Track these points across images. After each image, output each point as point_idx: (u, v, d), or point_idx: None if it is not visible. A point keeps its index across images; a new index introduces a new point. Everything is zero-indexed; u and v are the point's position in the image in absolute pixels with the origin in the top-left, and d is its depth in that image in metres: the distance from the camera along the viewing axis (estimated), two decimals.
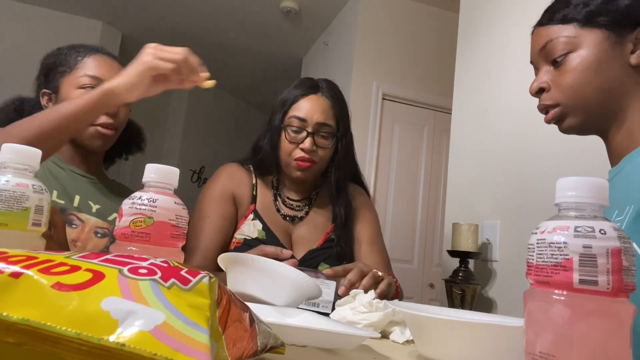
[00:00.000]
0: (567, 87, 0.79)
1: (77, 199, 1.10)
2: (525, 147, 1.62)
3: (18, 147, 0.56)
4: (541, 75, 0.83)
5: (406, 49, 3.50)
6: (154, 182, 0.56)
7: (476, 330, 0.54)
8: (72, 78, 1.10)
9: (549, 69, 0.82)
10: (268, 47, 4.57)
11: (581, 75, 0.77)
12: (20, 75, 3.93)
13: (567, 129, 0.83)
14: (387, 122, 3.42)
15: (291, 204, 1.25)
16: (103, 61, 1.13)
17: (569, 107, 0.80)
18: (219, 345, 0.31)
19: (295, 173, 1.19)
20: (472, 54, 2.01)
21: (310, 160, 1.17)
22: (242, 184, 1.23)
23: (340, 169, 1.24)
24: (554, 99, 0.81)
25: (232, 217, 1.20)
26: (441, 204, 3.37)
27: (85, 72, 1.10)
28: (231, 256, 0.75)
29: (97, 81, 1.08)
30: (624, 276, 0.34)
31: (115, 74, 1.09)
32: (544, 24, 0.84)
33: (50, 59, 1.16)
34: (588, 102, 0.78)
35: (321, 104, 1.19)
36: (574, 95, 0.79)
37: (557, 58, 0.80)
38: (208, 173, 5.20)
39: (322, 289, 0.78)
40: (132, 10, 4.13)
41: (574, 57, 0.78)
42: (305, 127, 1.17)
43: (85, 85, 1.08)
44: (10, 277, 0.30)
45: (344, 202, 1.25)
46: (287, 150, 1.18)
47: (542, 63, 0.84)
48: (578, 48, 0.78)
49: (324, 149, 1.19)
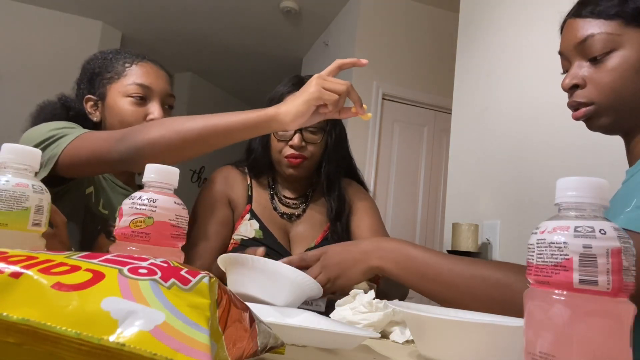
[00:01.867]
0: (605, 87, 0.76)
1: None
2: (525, 147, 1.62)
3: (18, 147, 0.56)
4: (575, 71, 0.79)
5: (406, 49, 3.50)
6: (154, 182, 0.56)
7: (476, 330, 0.54)
8: (120, 85, 1.08)
9: (585, 65, 0.78)
10: (268, 47, 4.57)
11: (622, 77, 0.75)
12: (21, 75, 3.96)
13: (597, 127, 0.80)
14: (387, 122, 3.42)
15: (288, 202, 1.25)
16: (150, 68, 1.11)
17: (604, 107, 0.77)
18: (219, 345, 0.31)
19: (287, 171, 1.19)
20: (472, 54, 2.01)
21: (300, 157, 1.17)
22: (237, 186, 1.23)
23: (331, 163, 1.24)
24: (589, 97, 0.78)
25: (228, 221, 1.19)
26: (441, 204, 3.37)
27: (133, 80, 1.07)
28: (231, 257, 0.75)
29: (146, 90, 1.06)
30: (624, 276, 0.34)
31: (162, 82, 1.10)
32: (583, 16, 0.79)
33: (95, 64, 1.13)
34: (624, 104, 0.76)
35: None
36: (612, 95, 0.76)
37: (598, 56, 0.76)
38: (208, 173, 5.20)
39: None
40: (132, 10, 4.13)
41: (616, 56, 0.75)
42: None
43: (134, 94, 1.06)
44: (10, 277, 0.30)
45: (336, 196, 1.25)
46: (277, 148, 1.18)
47: (576, 57, 0.80)
48: (620, 47, 0.75)
49: (314, 144, 1.19)
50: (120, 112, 1.06)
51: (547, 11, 1.59)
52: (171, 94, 1.12)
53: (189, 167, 5.11)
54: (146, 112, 1.06)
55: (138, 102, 1.06)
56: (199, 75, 5.32)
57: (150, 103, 1.07)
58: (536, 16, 1.65)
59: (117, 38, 4.46)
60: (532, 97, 1.62)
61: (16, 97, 3.83)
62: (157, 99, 1.08)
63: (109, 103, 1.08)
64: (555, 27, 0.89)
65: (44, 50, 3.97)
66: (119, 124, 1.05)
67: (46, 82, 3.69)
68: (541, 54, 1.59)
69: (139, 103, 1.06)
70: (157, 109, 1.06)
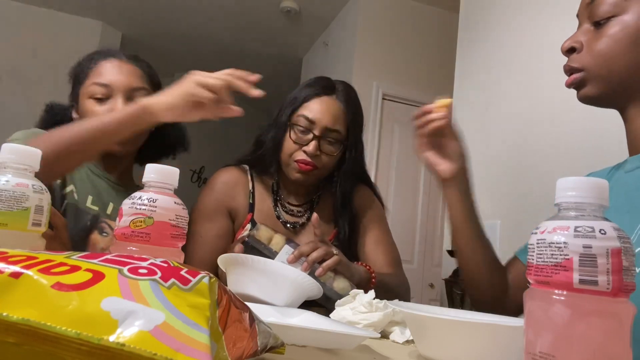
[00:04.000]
0: (598, 54, 0.72)
1: (110, 207, 1.09)
2: (525, 147, 1.62)
3: (18, 147, 0.56)
4: (578, 34, 0.76)
5: (406, 49, 3.50)
6: (154, 182, 0.56)
7: (476, 330, 0.54)
8: (84, 87, 1.08)
9: (589, 29, 0.74)
10: (268, 48, 4.57)
11: (616, 45, 0.70)
12: (21, 75, 3.95)
13: (584, 97, 0.76)
14: (387, 122, 3.42)
15: (292, 210, 1.20)
16: (112, 66, 1.08)
17: (593, 75, 0.73)
18: (219, 345, 0.31)
19: (294, 175, 1.12)
20: (472, 53, 2.01)
21: (312, 165, 1.10)
22: (238, 194, 1.17)
23: (347, 181, 1.17)
24: (581, 63, 0.74)
25: (226, 233, 1.15)
26: (441, 204, 3.37)
27: (92, 80, 1.07)
28: (231, 257, 0.75)
29: (105, 88, 1.05)
30: (624, 276, 0.34)
31: (125, 77, 1.07)
32: None
33: (74, 70, 1.13)
34: (614, 74, 0.71)
35: (333, 108, 1.12)
36: (602, 63, 0.72)
37: (601, 20, 0.72)
38: (208, 173, 5.20)
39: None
40: (132, 10, 4.14)
41: (616, 22, 0.70)
42: (313, 129, 1.10)
43: (95, 94, 1.05)
44: (10, 277, 0.30)
45: (347, 217, 1.19)
46: (290, 149, 1.11)
47: (584, 20, 0.76)
48: (624, 12, 0.70)
49: (329, 155, 1.12)
50: (86, 114, 1.06)
51: (547, 11, 1.59)
52: (140, 87, 1.08)
53: (189, 167, 5.11)
54: (108, 110, 1.04)
55: (99, 101, 1.05)
56: None
57: (112, 100, 1.05)
58: (536, 16, 1.65)
59: (117, 38, 4.46)
60: (533, 97, 1.62)
61: (16, 97, 3.83)
62: (119, 95, 1.05)
63: (80, 107, 1.09)
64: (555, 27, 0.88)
65: (44, 50, 3.97)
66: None
67: (46, 82, 3.69)
68: (542, 53, 1.59)
69: (100, 102, 1.05)
70: (118, 106, 1.04)
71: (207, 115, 0.91)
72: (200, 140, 5.45)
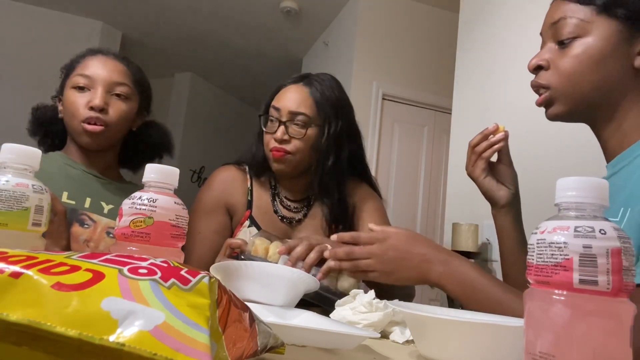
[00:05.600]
0: (563, 73, 0.76)
1: (88, 201, 1.10)
2: (525, 147, 1.62)
3: (18, 147, 0.56)
4: (543, 53, 0.79)
5: (406, 49, 3.50)
6: (154, 182, 0.56)
7: (476, 330, 0.54)
8: (69, 80, 1.13)
9: (554, 48, 0.78)
10: (268, 47, 4.57)
11: (580, 66, 0.74)
12: (21, 75, 3.95)
13: (553, 116, 0.79)
14: (387, 122, 3.42)
15: (289, 205, 1.21)
16: (97, 61, 1.13)
17: (559, 94, 0.77)
18: (219, 345, 0.31)
19: (273, 165, 1.13)
20: (472, 53, 2.01)
21: (282, 150, 1.10)
22: (236, 191, 1.18)
23: (324, 162, 1.14)
24: (548, 80, 0.78)
25: (225, 230, 1.16)
26: (441, 204, 3.37)
27: (77, 72, 1.12)
28: (224, 266, 0.74)
29: (86, 79, 1.10)
30: (624, 276, 0.34)
31: (108, 71, 1.12)
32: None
33: (65, 65, 1.20)
34: (579, 93, 0.75)
35: (298, 93, 1.13)
36: (567, 83, 0.75)
37: (565, 40, 0.75)
38: (208, 173, 5.19)
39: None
40: (132, 10, 4.13)
41: (580, 43, 0.74)
42: (280, 116, 1.12)
43: (78, 84, 1.10)
44: (10, 277, 0.30)
45: (336, 200, 1.17)
46: (266, 141, 1.14)
47: (548, 39, 0.79)
48: (587, 34, 0.73)
49: (298, 138, 1.11)
50: (67, 103, 1.10)
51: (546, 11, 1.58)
52: (121, 83, 1.12)
53: (189, 167, 5.11)
54: (88, 100, 1.08)
55: (79, 91, 1.10)
56: (199, 75, 5.31)
57: (92, 91, 1.10)
58: (536, 16, 1.65)
59: (117, 38, 4.46)
60: (532, 96, 1.62)
61: (16, 97, 3.83)
62: (100, 87, 1.09)
63: (64, 97, 1.13)
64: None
65: (44, 50, 3.97)
66: (69, 115, 1.10)
67: (46, 82, 3.68)
68: None
69: (81, 91, 1.10)
70: (98, 97, 1.07)
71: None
72: (200, 140, 5.48)
